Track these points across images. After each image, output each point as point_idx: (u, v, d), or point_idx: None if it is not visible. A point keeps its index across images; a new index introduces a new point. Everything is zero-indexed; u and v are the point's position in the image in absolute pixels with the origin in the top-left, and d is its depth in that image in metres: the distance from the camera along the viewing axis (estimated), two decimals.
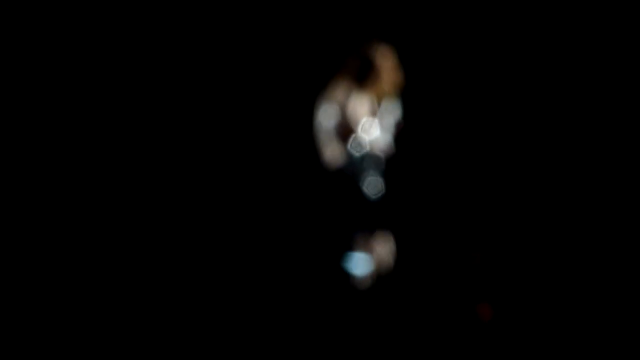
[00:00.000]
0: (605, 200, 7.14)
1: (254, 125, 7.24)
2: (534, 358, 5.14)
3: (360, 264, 5.78)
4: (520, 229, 6.92)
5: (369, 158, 5.29)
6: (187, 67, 7.27)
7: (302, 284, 6.25)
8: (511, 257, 6.73)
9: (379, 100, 5.36)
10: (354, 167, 5.27)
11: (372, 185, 5.37)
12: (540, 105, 7.24)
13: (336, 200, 5.54)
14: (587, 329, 5.43)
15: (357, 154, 5.31)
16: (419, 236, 6.88)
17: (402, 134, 5.66)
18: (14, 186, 6.94)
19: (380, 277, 5.99)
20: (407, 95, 5.57)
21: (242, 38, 7.33)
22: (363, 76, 5.23)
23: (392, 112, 5.50)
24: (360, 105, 5.30)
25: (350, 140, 5.32)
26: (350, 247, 5.78)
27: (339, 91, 5.31)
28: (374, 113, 5.36)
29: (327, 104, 5.35)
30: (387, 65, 5.29)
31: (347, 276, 5.89)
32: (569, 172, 7.27)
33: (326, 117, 5.36)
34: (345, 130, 5.26)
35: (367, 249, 5.71)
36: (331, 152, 5.25)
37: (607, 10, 7.32)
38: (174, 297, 6.13)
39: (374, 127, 5.38)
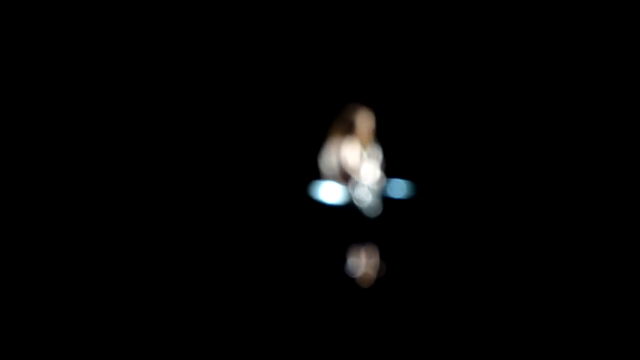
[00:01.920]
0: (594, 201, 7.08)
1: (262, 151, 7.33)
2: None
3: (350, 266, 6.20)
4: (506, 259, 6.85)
5: (364, 190, 6.33)
6: (191, 121, 7.21)
7: (299, 286, 6.37)
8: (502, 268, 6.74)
9: (364, 146, 6.38)
10: (354, 198, 6.28)
11: (370, 209, 6.31)
12: (518, 149, 7.26)
13: (338, 220, 6.35)
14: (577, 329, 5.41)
15: (355, 188, 6.29)
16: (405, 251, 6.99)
17: (385, 168, 6.45)
18: (14, 186, 6.73)
19: (366, 283, 6.27)
20: (384, 140, 6.50)
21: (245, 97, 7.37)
22: (349, 130, 6.33)
23: (376, 153, 6.38)
24: (350, 151, 6.32)
25: (348, 178, 6.28)
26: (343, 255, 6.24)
27: (333, 143, 6.35)
28: (362, 156, 6.37)
29: (325, 153, 6.34)
30: (365, 121, 6.38)
31: (340, 278, 6.19)
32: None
33: (326, 163, 6.32)
34: (342, 171, 6.32)
35: (358, 258, 6.26)
36: (332, 188, 6.26)
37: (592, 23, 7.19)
38: (174, 297, 6.08)
39: (364, 167, 6.36)
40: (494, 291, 6.31)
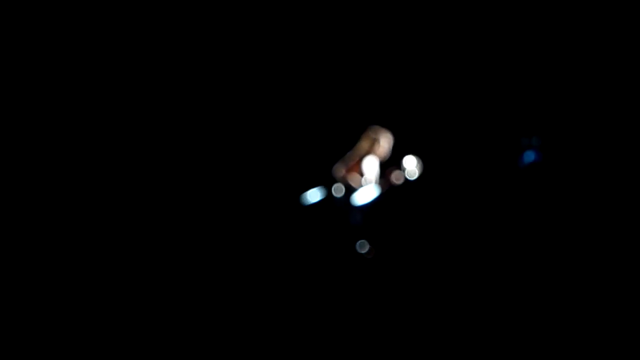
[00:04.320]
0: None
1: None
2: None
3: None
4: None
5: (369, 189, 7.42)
6: (207, 152, 7.32)
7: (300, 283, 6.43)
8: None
9: (382, 159, 7.55)
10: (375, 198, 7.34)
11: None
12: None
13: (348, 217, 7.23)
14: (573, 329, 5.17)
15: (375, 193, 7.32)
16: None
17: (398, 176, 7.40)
18: (13, 186, 6.58)
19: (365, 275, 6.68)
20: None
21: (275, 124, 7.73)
22: (372, 147, 7.52)
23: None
24: (372, 163, 7.46)
25: (364, 182, 7.29)
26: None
27: (358, 154, 7.46)
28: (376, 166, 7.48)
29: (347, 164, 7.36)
30: (384, 139, 7.55)
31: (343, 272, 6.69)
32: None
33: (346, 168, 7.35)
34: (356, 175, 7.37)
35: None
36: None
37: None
38: (174, 297, 5.93)
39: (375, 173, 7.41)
40: (490, 289, 6.19)
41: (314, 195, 7.57)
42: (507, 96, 7.86)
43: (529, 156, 6.91)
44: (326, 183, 7.56)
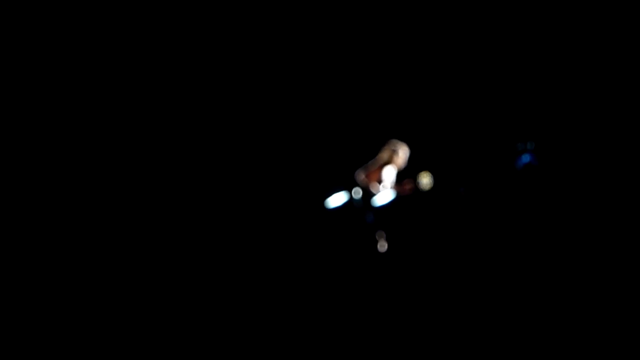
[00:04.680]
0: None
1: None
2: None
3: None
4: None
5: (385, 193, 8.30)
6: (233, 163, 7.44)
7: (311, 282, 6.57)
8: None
9: (398, 169, 8.50)
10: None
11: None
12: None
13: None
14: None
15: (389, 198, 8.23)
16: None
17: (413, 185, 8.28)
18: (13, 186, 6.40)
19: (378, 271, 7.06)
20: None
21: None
22: (390, 157, 8.47)
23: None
24: (389, 172, 8.39)
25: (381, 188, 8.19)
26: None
27: (378, 163, 8.41)
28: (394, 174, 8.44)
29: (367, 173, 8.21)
30: (402, 152, 8.51)
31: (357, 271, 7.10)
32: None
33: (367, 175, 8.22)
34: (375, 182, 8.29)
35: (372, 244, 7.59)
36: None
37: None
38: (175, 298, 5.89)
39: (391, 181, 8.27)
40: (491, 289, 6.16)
41: (338, 197, 8.50)
42: (503, 100, 8.22)
43: (524, 159, 7.09)
44: (349, 186, 8.42)
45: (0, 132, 6.43)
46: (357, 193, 8.44)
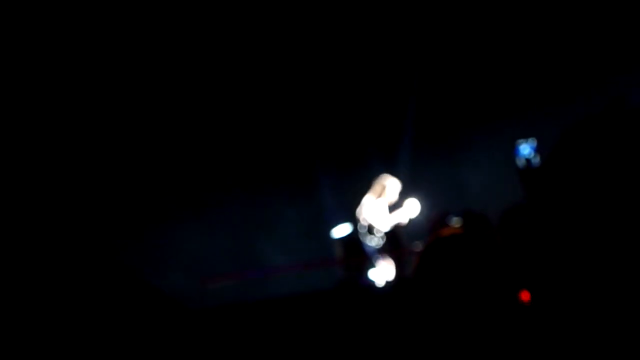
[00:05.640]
0: None
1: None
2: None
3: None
4: None
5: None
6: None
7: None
8: None
9: (390, 203, 9.63)
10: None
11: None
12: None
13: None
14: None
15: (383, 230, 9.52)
16: None
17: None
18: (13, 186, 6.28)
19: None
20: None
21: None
22: (380, 192, 9.63)
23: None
24: (379, 206, 9.47)
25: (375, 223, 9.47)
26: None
27: (369, 200, 9.59)
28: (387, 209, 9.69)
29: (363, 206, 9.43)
30: (392, 185, 9.66)
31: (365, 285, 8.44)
32: None
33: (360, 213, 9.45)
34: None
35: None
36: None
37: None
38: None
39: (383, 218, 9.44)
40: None
41: (342, 229, 9.63)
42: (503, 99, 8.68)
43: (525, 157, 7.12)
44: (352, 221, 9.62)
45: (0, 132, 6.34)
46: (361, 227, 9.53)
